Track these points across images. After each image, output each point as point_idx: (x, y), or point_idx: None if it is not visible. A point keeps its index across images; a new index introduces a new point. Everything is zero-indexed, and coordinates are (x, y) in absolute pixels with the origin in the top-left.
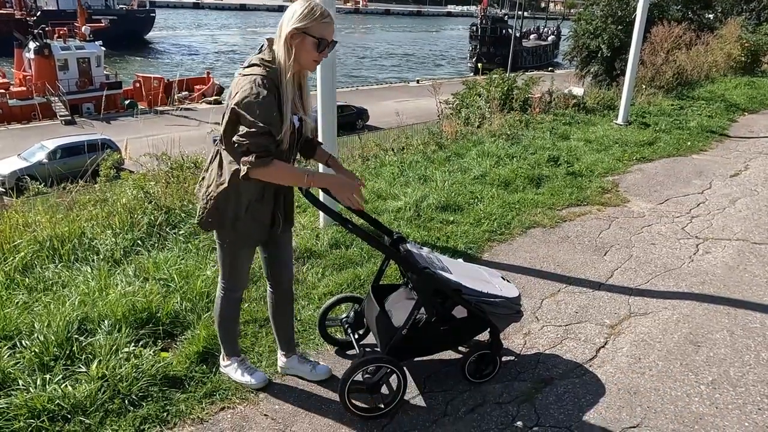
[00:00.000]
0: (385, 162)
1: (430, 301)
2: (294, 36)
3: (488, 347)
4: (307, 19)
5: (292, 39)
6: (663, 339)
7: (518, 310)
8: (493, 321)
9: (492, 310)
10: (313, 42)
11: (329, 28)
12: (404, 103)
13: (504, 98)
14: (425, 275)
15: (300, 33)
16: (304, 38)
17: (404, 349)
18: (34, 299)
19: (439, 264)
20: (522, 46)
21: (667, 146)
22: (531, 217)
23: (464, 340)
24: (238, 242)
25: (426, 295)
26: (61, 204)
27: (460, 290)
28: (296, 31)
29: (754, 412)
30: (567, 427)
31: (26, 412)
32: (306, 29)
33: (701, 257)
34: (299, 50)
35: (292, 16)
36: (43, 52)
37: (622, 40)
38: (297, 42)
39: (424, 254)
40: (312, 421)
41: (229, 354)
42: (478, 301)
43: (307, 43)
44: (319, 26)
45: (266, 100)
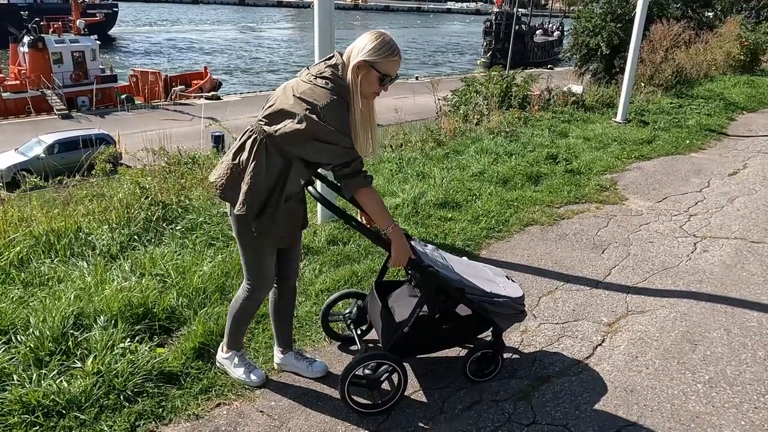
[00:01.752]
0: (383, 158)
1: (433, 299)
2: (361, 67)
3: (490, 346)
4: (378, 54)
5: (358, 69)
6: (660, 337)
7: (522, 310)
8: (496, 320)
9: (495, 310)
10: (378, 77)
11: (396, 65)
12: (403, 100)
13: (503, 95)
14: (429, 273)
15: (367, 65)
16: (369, 71)
17: (406, 347)
18: (30, 294)
19: (443, 262)
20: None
21: (666, 144)
22: (529, 214)
23: (467, 339)
24: (267, 239)
25: (429, 293)
26: (58, 199)
27: (464, 289)
28: (364, 63)
29: (751, 410)
30: (564, 425)
31: (21, 407)
32: (374, 64)
33: (699, 256)
34: (363, 80)
35: (363, 47)
36: (37, 46)
37: (621, 38)
38: (363, 73)
39: (428, 252)
40: (308, 417)
41: (231, 347)
42: (482, 301)
43: (371, 76)
44: (387, 63)
45: (343, 113)
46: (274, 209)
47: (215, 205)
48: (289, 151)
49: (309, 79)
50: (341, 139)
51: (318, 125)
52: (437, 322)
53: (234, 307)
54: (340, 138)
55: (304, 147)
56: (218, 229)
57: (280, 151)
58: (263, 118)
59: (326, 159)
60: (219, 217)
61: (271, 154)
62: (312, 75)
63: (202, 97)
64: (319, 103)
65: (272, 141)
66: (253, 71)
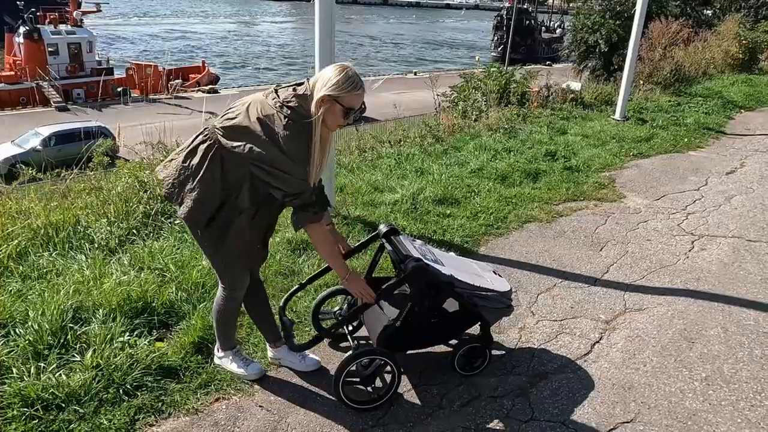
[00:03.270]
0: (382, 154)
1: (423, 294)
2: (325, 101)
3: (478, 340)
4: (341, 89)
5: (322, 102)
6: (657, 335)
7: (509, 304)
8: (484, 314)
9: (483, 304)
10: (342, 110)
11: (359, 98)
12: (402, 95)
13: (502, 92)
14: (418, 267)
15: (331, 99)
16: (333, 105)
17: (397, 342)
18: (28, 287)
19: (431, 256)
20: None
21: (664, 142)
22: (527, 211)
23: (455, 333)
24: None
25: (418, 288)
26: (56, 191)
27: (453, 283)
28: (328, 98)
29: (747, 408)
30: (561, 422)
31: (20, 400)
32: (338, 98)
33: (696, 254)
34: (327, 113)
35: (327, 82)
36: (32, 37)
37: (620, 35)
38: (327, 107)
39: (417, 246)
40: (307, 413)
41: (224, 347)
42: (471, 295)
43: (335, 110)
44: (350, 97)
45: (304, 146)
46: (226, 223)
47: None
48: (242, 169)
49: (275, 105)
50: (296, 170)
51: (276, 154)
52: (427, 317)
53: (216, 310)
54: (294, 169)
55: (258, 169)
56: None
57: (234, 166)
58: (221, 129)
59: (278, 185)
60: None
61: (225, 166)
62: (279, 102)
63: (200, 90)
64: (281, 132)
65: (227, 153)
66: (251, 65)
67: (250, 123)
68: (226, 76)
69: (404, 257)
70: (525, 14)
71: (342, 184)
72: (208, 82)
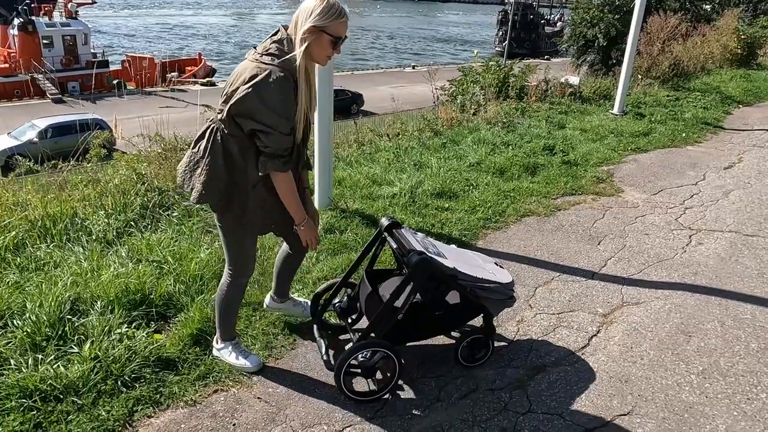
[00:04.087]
0: (380, 148)
1: (425, 286)
2: (311, 32)
3: (481, 332)
4: (326, 18)
5: (309, 34)
6: (655, 328)
7: (511, 295)
8: (487, 306)
9: (486, 296)
10: (330, 40)
11: (345, 26)
12: (400, 89)
13: (500, 86)
14: (421, 261)
15: (317, 30)
16: (320, 35)
17: (399, 334)
18: (26, 279)
19: (433, 249)
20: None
21: (662, 137)
22: (526, 205)
23: (458, 325)
24: (244, 229)
25: (421, 280)
26: (53, 183)
27: (456, 275)
28: (314, 28)
29: (743, 401)
30: (559, 414)
31: (18, 391)
32: (324, 28)
33: (694, 248)
34: (314, 46)
35: (310, 14)
36: (27, 29)
37: (619, 29)
38: (313, 39)
39: (419, 239)
40: (305, 404)
41: (224, 338)
42: (473, 287)
43: (323, 41)
44: (336, 25)
45: (287, 93)
46: (243, 198)
47: None
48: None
49: (255, 58)
50: (280, 123)
51: (259, 105)
52: (429, 309)
53: (219, 296)
54: (278, 122)
55: (245, 124)
56: (215, 216)
57: (235, 137)
58: (220, 105)
59: (261, 138)
60: None
61: (227, 142)
62: (258, 53)
63: (197, 83)
64: (263, 83)
65: (226, 126)
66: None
67: (235, 85)
68: (223, 69)
69: (407, 251)
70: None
71: (340, 178)
72: (204, 74)
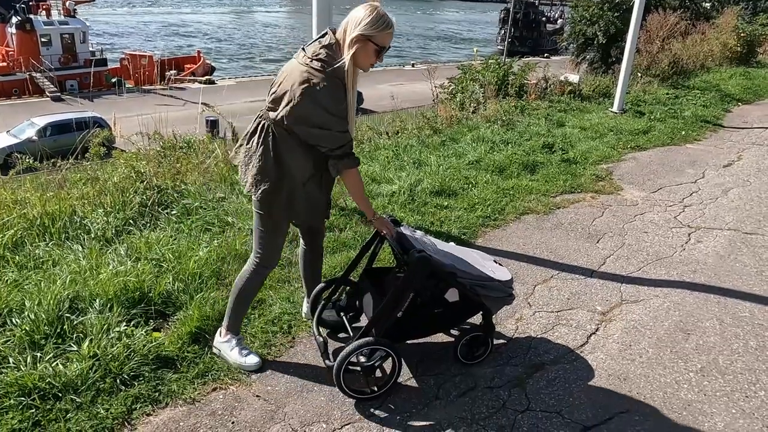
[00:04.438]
0: (379, 145)
1: (424, 284)
2: (359, 41)
3: (480, 329)
4: (374, 28)
5: (356, 42)
6: (653, 326)
7: (510, 293)
8: (486, 304)
9: (485, 293)
10: (375, 49)
11: (390, 37)
12: (399, 87)
13: (499, 84)
14: (421, 259)
15: (364, 39)
16: (366, 44)
17: (398, 332)
18: (25, 277)
19: (432, 247)
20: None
21: (662, 135)
22: (525, 203)
23: (457, 323)
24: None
25: (420, 278)
26: (52, 182)
27: (455, 273)
28: (362, 37)
29: (742, 399)
30: (557, 412)
31: (17, 390)
32: (371, 37)
33: (693, 246)
34: (360, 53)
35: (359, 22)
36: (25, 27)
37: (618, 27)
38: (359, 46)
39: (418, 237)
40: (304, 402)
41: (230, 329)
42: (473, 284)
43: (368, 49)
44: (383, 35)
45: (339, 97)
46: (293, 190)
47: (211, 190)
48: (292, 139)
49: (305, 62)
50: (336, 123)
51: (314, 109)
52: (429, 307)
53: (239, 283)
54: (334, 122)
55: (302, 130)
56: (214, 214)
57: (286, 135)
58: (269, 104)
59: (322, 143)
60: (215, 202)
61: (277, 139)
62: (308, 57)
63: (196, 81)
64: (317, 87)
65: (277, 126)
66: (247, 56)
67: (288, 89)
68: (222, 67)
69: (406, 249)
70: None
71: None
72: (203, 72)
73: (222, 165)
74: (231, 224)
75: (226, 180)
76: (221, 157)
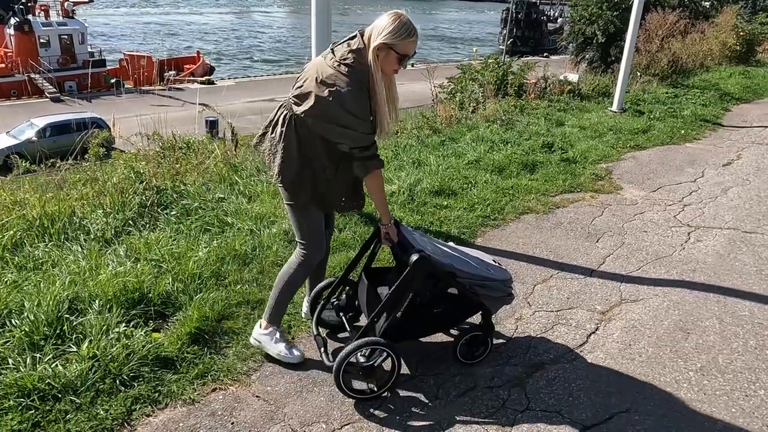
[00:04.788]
0: (378, 145)
1: (423, 284)
2: (381, 49)
3: (480, 329)
4: (396, 37)
5: (379, 51)
6: (653, 325)
7: (510, 293)
8: (485, 303)
9: (485, 293)
10: (397, 57)
11: (413, 45)
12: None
13: (499, 83)
14: (421, 259)
15: (387, 47)
16: (389, 52)
17: (398, 332)
18: (24, 278)
19: (431, 247)
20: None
21: (661, 134)
22: (524, 203)
23: (456, 323)
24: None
25: (420, 278)
26: (51, 183)
27: (454, 273)
28: (384, 45)
29: (741, 398)
30: (557, 412)
31: (16, 390)
32: (393, 46)
33: (692, 245)
34: (383, 60)
35: (382, 30)
36: (23, 28)
37: (618, 26)
38: (383, 54)
39: (417, 237)
40: (304, 403)
41: (272, 321)
42: (472, 284)
43: (391, 57)
44: (405, 44)
45: (363, 101)
46: (315, 177)
47: (210, 190)
48: (314, 129)
49: (333, 65)
50: (360, 125)
51: (339, 111)
52: (428, 307)
53: (285, 274)
54: (358, 124)
55: (325, 128)
56: (213, 215)
57: (306, 130)
58: (293, 97)
59: (346, 141)
60: (214, 203)
61: (300, 130)
62: (336, 60)
63: (195, 81)
64: (342, 90)
65: (299, 119)
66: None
67: (314, 86)
68: (222, 67)
69: (405, 248)
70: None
71: None
72: (203, 73)
73: (221, 165)
74: (230, 225)
75: (226, 180)
76: (221, 158)
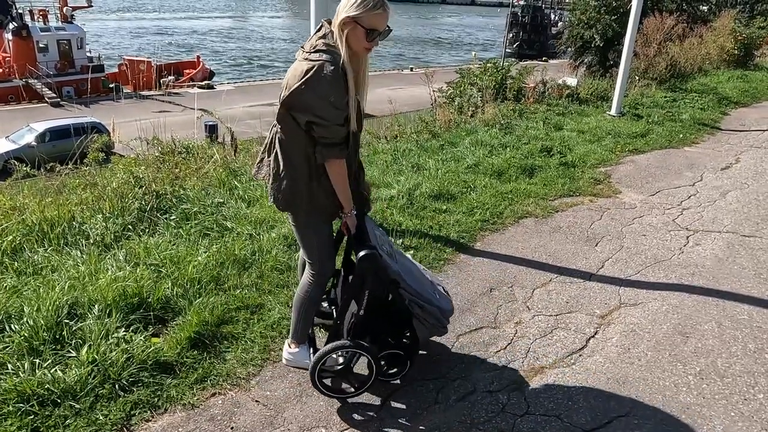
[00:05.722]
0: (378, 150)
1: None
2: (346, 23)
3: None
4: (360, 9)
5: (344, 26)
6: (652, 329)
7: (444, 325)
8: (414, 326)
9: (420, 314)
10: (364, 32)
11: (381, 18)
12: (398, 91)
13: (498, 87)
14: (369, 255)
15: (352, 21)
16: (355, 26)
17: (365, 331)
18: (23, 283)
19: (387, 248)
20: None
21: (660, 138)
22: (523, 207)
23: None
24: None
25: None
26: (50, 187)
27: (399, 283)
28: (348, 19)
29: (740, 402)
30: (556, 416)
31: (16, 396)
32: (357, 19)
33: (691, 249)
34: (350, 37)
35: (346, 4)
36: (21, 34)
37: (616, 30)
38: (349, 29)
39: (377, 235)
40: (303, 407)
41: (299, 340)
42: (411, 300)
43: (358, 32)
44: (371, 17)
45: (338, 86)
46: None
47: (209, 195)
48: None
49: (304, 57)
50: (334, 116)
51: (313, 100)
52: (387, 306)
53: (300, 296)
54: (333, 114)
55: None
56: (213, 219)
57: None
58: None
59: (317, 131)
60: (213, 207)
61: (283, 142)
62: (306, 52)
63: (194, 86)
64: (315, 77)
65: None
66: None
67: (291, 84)
68: (221, 72)
69: (360, 243)
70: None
71: None
72: (202, 77)
73: (221, 170)
74: (230, 229)
75: (225, 185)
76: (220, 162)
